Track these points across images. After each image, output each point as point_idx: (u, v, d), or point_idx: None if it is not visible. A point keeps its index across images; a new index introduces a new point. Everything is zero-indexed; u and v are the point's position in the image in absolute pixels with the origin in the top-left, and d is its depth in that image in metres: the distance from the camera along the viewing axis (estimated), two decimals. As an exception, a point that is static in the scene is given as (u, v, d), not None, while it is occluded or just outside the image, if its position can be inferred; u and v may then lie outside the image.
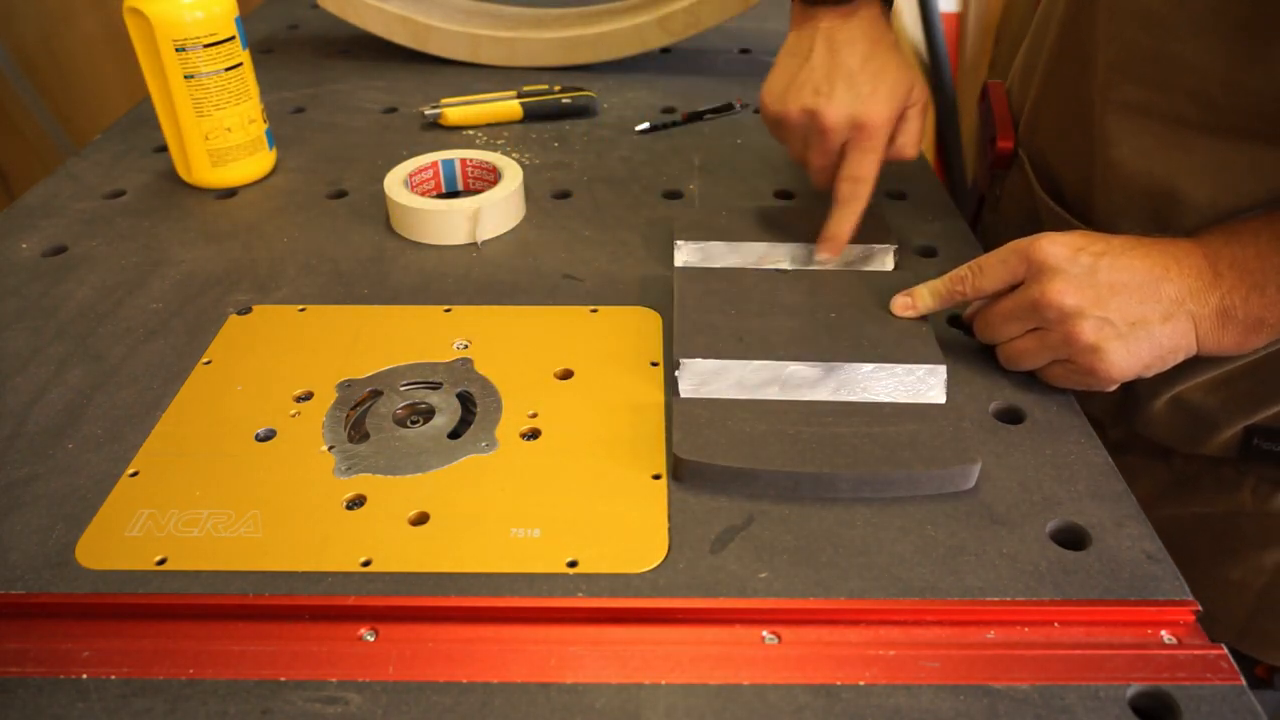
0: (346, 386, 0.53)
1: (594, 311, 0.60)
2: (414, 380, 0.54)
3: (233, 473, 0.47)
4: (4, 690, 0.37)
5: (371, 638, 0.40)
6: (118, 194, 0.75)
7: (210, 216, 0.72)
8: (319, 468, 0.48)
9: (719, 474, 0.46)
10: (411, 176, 0.72)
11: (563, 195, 0.75)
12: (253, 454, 0.49)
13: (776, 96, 0.62)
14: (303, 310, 0.60)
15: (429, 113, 0.86)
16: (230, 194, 0.75)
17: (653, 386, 0.54)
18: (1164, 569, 0.43)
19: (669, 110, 0.90)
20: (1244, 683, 0.38)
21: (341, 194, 0.75)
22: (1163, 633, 0.40)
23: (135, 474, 0.47)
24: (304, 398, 0.53)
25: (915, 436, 0.47)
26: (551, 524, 0.45)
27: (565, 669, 0.39)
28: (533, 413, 0.51)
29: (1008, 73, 0.77)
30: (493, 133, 0.86)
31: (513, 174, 0.71)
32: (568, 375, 0.54)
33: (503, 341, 0.57)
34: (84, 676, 0.38)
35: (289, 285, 0.63)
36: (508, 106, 0.87)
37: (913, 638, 0.40)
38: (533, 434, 0.50)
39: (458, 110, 0.85)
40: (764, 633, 0.40)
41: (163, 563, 0.43)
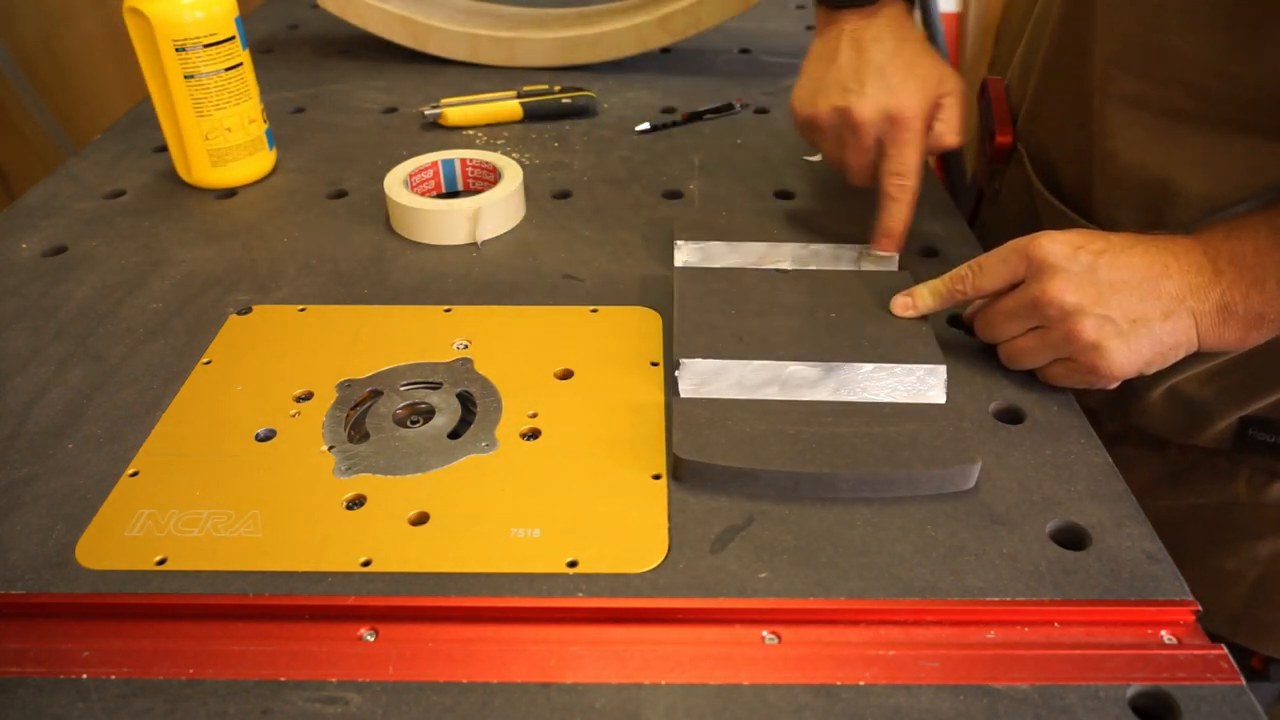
0: (346, 386, 0.53)
1: (594, 311, 0.60)
2: (414, 380, 0.54)
3: (233, 473, 0.47)
4: (4, 690, 0.37)
5: (371, 638, 0.40)
6: (118, 194, 0.75)
7: (210, 216, 0.72)
8: (319, 468, 0.48)
9: (719, 474, 0.46)
10: (411, 176, 0.72)
11: (563, 195, 0.75)
12: (253, 454, 0.49)
13: (806, 100, 0.61)
14: (303, 310, 0.60)
15: (429, 113, 0.86)
16: (230, 194, 0.75)
17: (653, 386, 0.54)
18: (1164, 569, 0.43)
19: (669, 110, 0.90)
20: (1244, 683, 0.38)
21: (341, 194, 0.75)
22: (1163, 633, 0.40)
23: (135, 474, 0.48)
24: (304, 398, 0.53)
25: (915, 436, 0.47)
26: (551, 524, 0.45)
27: (565, 669, 0.39)
28: (533, 413, 0.51)
29: (1007, 71, 0.77)
30: (493, 133, 0.86)
31: (513, 174, 0.71)
32: (568, 375, 0.54)
33: (503, 341, 0.57)
34: (84, 676, 0.38)
35: (289, 285, 0.63)
36: (508, 106, 0.87)
37: (913, 638, 0.40)
38: (533, 434, 0.50)
39: (458, 110, 0.85)
40: (764, 633, 0.40)
41: (163, 563, 0.43)
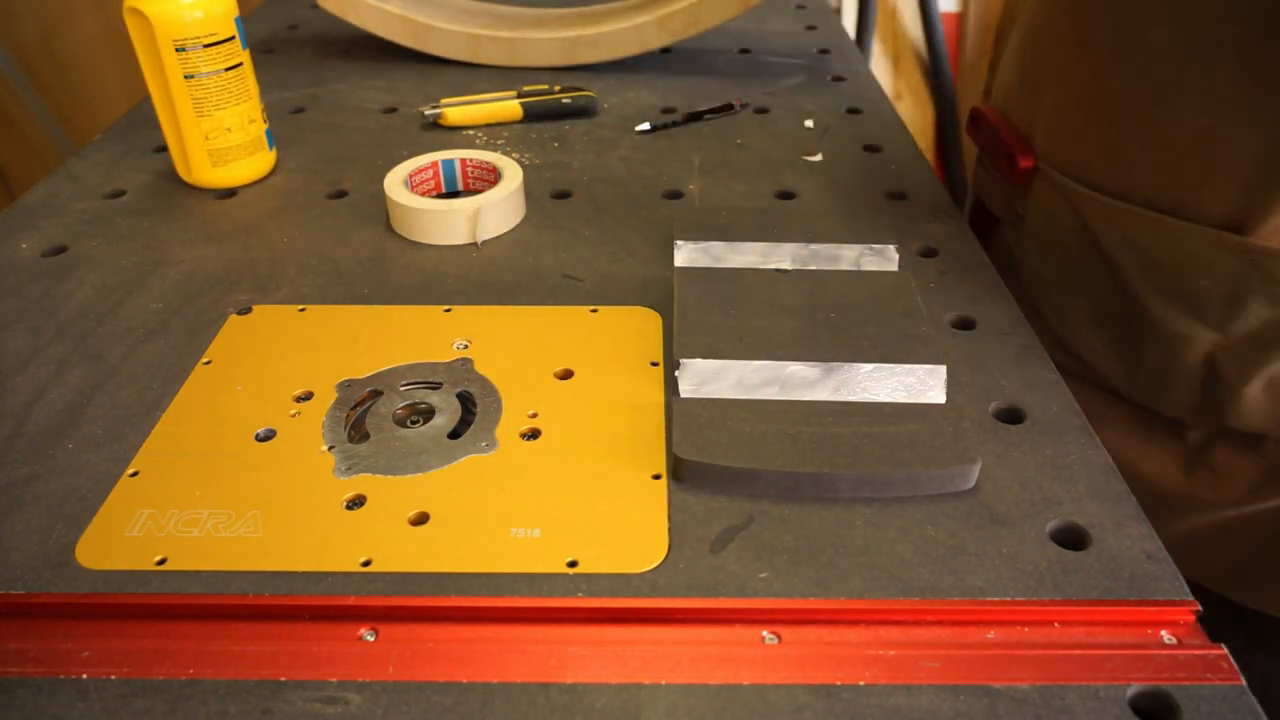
0: (346, 386, 0.53)
1: (594, 311, 0.60)
2: (414, 380, 0.54)
3: (233, 473, 0.47)
4: (4, 690, 0.37)
5: (371, 638, 0.40)
6: (118, 194, 0.75)
7: (210, 216, 0.72)
8: (319, 468, 0.48)
9: (719, 474, 0.46)
10: (411, 176, 0.72)
11: (563, 195, 0.75)
12: (253, 454, 0.49)
13: None
14: (303, 310, 0.60)
15: (429, 113, 0.86)
16: (230, 194, 0.75)
17: (653, 386, 0.54)
18: (1164, 569, 0.43)
19: (669, 110, 0.90)
20: (1244, 683, 0.38)
21: (341, 194, 0.75)
22: (1163, 633, 0.40)
23: (135, 474, 0.48)
24: (304, 398, 0.53)
25: (915, 436, 0.47)
26: (551, 524, 0.45)
27: (565, 669, 0.39)
28: (533, 413, 0.51)
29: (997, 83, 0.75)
30: (493, 133, 0.86)
31: (513, 174, 0.71)
32: (568, 375, 0.54)
33: (503, 341, 0.57)
34: (84, 676, 0.38)
35: (289, 285, 0.63)
36: (508, 106, 0.87)
37: (913, 638, 0.40)
38: (533, 434, 0.50)
39: (458, 110, 0.85)
40: (764, 633, 0.40)
41: (163, 563, 0.43)
